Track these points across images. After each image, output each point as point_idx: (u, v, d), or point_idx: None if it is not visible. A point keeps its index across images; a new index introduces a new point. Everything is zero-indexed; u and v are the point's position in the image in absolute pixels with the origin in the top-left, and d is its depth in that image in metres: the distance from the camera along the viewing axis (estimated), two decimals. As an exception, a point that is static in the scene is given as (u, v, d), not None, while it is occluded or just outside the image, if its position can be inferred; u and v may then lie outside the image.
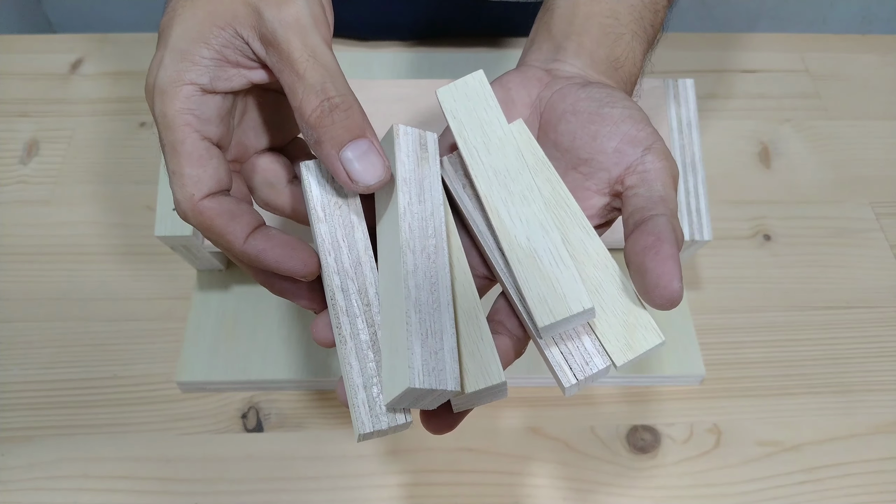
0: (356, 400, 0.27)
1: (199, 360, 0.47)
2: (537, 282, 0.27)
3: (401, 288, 0.27)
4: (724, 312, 0.52)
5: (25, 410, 0.46)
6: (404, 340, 0.25)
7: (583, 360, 0.27)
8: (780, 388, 0.49)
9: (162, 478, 0.44)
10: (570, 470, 0.45)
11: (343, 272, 0.28)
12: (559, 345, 0.28)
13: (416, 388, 0.24)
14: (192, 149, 0.27)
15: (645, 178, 0.28)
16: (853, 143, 0.62)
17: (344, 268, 0.29)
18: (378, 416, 0.26)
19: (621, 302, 0.27)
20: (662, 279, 0.25)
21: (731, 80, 0.65)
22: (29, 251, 0.53)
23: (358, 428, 0.26)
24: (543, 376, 0.47)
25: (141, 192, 0.56)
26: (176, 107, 0.27)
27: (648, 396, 0.48)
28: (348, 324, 0.28)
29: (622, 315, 0.27)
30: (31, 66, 0.63)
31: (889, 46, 0.69)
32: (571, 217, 0.29)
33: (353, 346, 0.28)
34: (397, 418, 0.26)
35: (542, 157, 0.30)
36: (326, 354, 0.47)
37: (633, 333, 0.27)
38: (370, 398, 0.27)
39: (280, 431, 0.46)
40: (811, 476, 0.45)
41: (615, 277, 0.28)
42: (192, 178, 0.27)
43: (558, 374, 0.27)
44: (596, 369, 0.27)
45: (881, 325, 0.52)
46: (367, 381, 0.27)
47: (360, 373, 0.27)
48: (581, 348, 0.27)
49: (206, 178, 0.27)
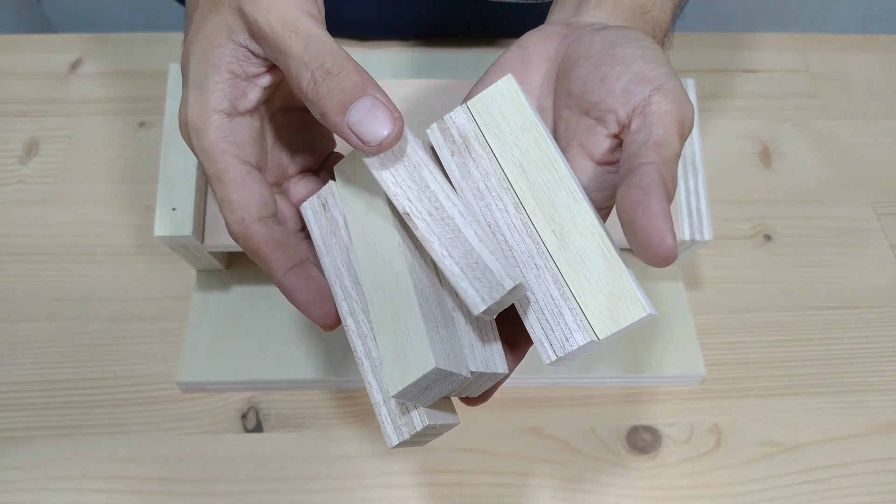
0: (380, 416, 0.27)
1: (199, 360, 0.47)
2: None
3: (401, 283, 0.27)
4: (724, 312, 0.52)
5: (25, 410, 0.46)
6: (419, 327, 0.26)
7: (563, 337, 0.26)
8: (780, 388, 0.49)
9: (162, 478, 0.44)
10: (570, 470, 0.45)
11: (349, 297, 0.29)
12: (539, 319, 0.27)
13: (440, 368, 0.25)
14: (236, 175, 0.28)
15: (646, 122, 0.26)
16: (853, 143, 0.62)
17: (348, 293, 0.29)
18: (400, 428, 0.27)
19: (605, 273, 0.26)
20: (654, 238, 0.23)
21: (731, 80, 0.65)
22: (29, 251, 0.53)
23: (387, 441, 0.27)
24: (543, 376, 0.47)
25: (141, 192, 0.56)
26: (210, 138, 0.28)
27: (648, 396, 0.48)
28: (361, 345, 0.28)
29: (606, 286, 0.26)
30: (31, 65, 0.63)
31: (889, 46, 0.69)
32: (558, 181, 0.28)
33: (368, 365, 0.28)
34: (415, 424, 0.27)
35: (529, 114, 0.29)
36: (326, 354, 0.47)
37: (617, 306, 0.26)
38: (391, 411, 0.27)
39: (280, 431, 0.46)
40: (811, 476, 0.45)
41: (601, 246, 0.26)
42: (241, 202, 0.28)
43: (539, 350, 0.27)
44: (576, 346, 0.26)
45: (881, 325, 0.52)
46: (386, 396, 0.28)
47: (378, 390, 0.28)
48: (562, 323, 0.26)
49: (252, 201, 0.28)
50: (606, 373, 0.48)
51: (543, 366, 0.47)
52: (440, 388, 0.26)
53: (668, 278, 0.51)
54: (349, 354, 0.47)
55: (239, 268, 0.51)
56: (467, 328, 0.28)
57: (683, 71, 0.65)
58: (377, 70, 0.62)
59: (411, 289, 0.27)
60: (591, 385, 0.48)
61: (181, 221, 0.43)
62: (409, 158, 0.28)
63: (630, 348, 0.48)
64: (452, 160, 0.30)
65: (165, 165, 0.44)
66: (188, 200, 0.43)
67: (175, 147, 0.45)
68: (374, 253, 0.29)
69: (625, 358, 0.48)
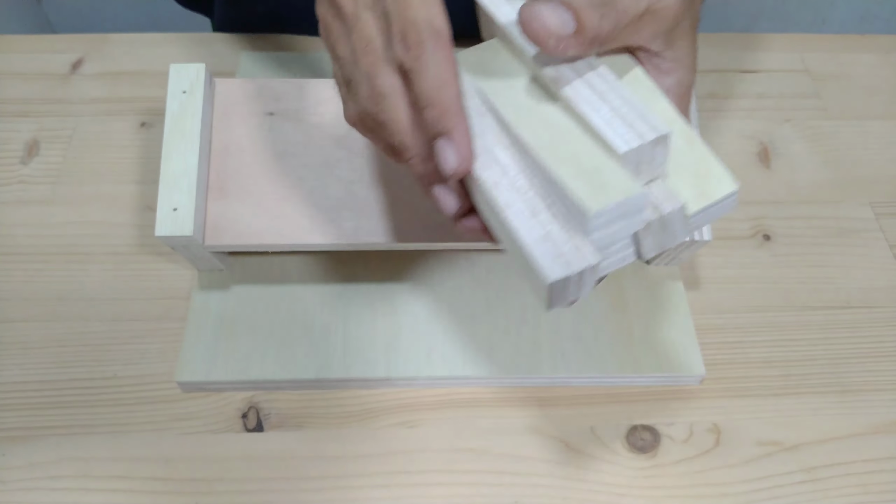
0: (538, 250, 0.28)
1: (199, 360, 0.47)
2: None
3: (572, 130, 0.29)
4: (724, 312, 0.52)
5: (25, 410, 0.46)
6: (608, 163, 0.27)
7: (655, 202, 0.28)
8: (780, 388, 0.49)
9: (162, 478, 0.44)
10: (569, 470, 0.45)
11: (499, 142, 0.31)
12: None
13: (643, 195, 0.26)
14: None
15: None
16: (853, 143, 0.62)
17: (498, 136, 0.31)
18: (568, 262, 0.27)
19: (692, 154, 0.28)
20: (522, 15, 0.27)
21: (731, 80, 0.66)
22: (29, 251, 0.53)
23: (545, 277, 0.27)
24: (543, 376, 0.47)
25: (141, 192, 0.56)
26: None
27: (648, 396, 0.48)
28: (508, 184, 0.29)
29: (692, 166, 0.28)
30: (31, 66, 0.63)
31: (889, 46, 0.69)
32: (635, 79, 0.30)
33: (521, 202, 0.29)
34: (587, 258, 0.27)
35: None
36: (326, 354, 0.47)
37: (705, 182, 0.28)
38: (556, 241, 0.28)
39: (280, 431, 0.46)
40: (811, 476, 0.45)
41: (682, 131, 0.28)
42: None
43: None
44: (669, 209, 0.27)
45: (881, 325, 0.52)
46: (552, 225, 0.28)
47: (535, 214, 0.28)
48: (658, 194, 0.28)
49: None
50: (606, 372, 0.48)
51: (543, 365, 0.47)
52: (623, 227, 0.27)
53: (668, 278, 0.51)
54: (349, 354, 0.47)
55: (239, 268, 0.51)
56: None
57: (683, 71, 0.65)
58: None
59: (582, 133, 0.28)
60: (590, 384, 0.48)
61: (182, 221, 0.43)
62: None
63: (630, 348, 0.48)
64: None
65: (166, 165, 0.44)
66: (189, 200, 0.43)
67: (176, 147, 0.45)
68: (526, 112, 0.30)
69: (624, 357, 0.48)
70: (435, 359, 0.48)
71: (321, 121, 0.48)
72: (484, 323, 0.49)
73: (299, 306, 0.49)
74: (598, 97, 0.29)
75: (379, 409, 0.47)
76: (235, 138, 0.47)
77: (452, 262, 0.51)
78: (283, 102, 0.48)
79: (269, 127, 0.47)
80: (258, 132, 0.47)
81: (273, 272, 0.51)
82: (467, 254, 0.52)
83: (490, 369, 0.47)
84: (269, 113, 0.48)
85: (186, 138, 0.45)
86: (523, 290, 0.50)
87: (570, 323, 0.49)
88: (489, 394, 0.48)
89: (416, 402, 0.47)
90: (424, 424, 0.47)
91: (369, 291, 0.50)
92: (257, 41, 0.66)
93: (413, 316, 0.49)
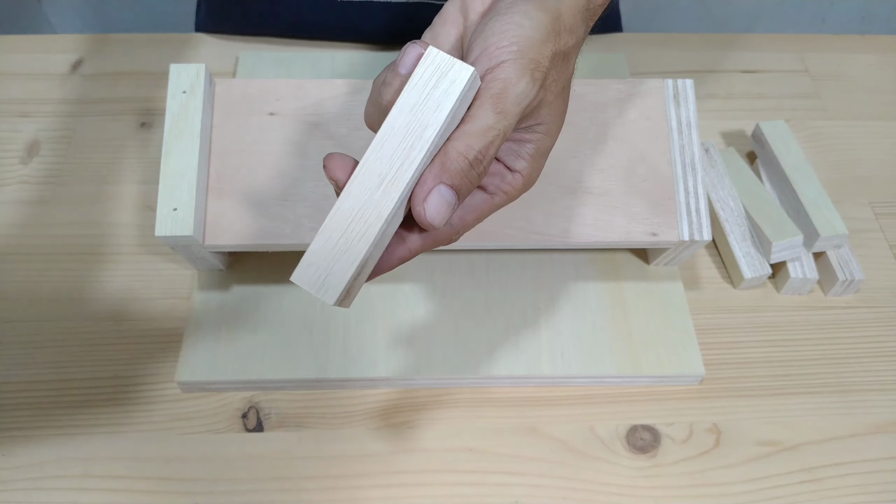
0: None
1: (199, 360, 0.47)
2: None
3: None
4: (724, 312, 0.52)
5: (25, 410, 0.46)
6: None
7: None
8: (780, 388, 0.49)
9: (162, 478, 0.44)
10: (569, 470, 0.45)
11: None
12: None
13: None
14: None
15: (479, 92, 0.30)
16: (853, 143, 0.62)
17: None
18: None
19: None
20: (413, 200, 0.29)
21: (730, 80, 0.66)
22: (29, 251, 0.53)
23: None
24: (543, 376, 0.47)
25: (141, 192, 0.56)
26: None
27: (648, 396, 0.48)
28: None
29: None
30: (31, 66, 0.63)
31: (889, 46, 0.69)
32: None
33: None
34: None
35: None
36: (326, 354, 0.47)
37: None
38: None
39: (280, 431, 0.46)
40: (811, 476, 0.45)
41: None
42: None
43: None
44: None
45: (881, 325, 0.52)
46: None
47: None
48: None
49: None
50: (606, 372, 0.48)
51: (543, 365, 0.47)
52: None
53: (667, 278, 0.51)
54: (349, 354, 0.47)
55: (239, 268, 0.51)
56: None
57: (683, 71, 0.65)
58: (375, 69, 0.62)
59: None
60: (590, 384, 0.48)
61: (182, 221, 0.43)
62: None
63: (630, 348, 0.48)
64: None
65: (166, 165, 0.44)
66: (189, 200, 0.43)
67: (176, 147, 0.45)
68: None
69: (624, 357, 0.48)
70: (435, 359, 0.48)
71: (321, 121, 0.48)
72: (484, 323, 0.49)
73: (299, 306, 0.49)
74: None
75: (379, 408, 0.47)
76: (235, 138, 0.47)
77: (452, 262, 0.51)
78: (283, 102, 0.48)
79: (269, 127, 0.47)
80: (258, 132, 0.47)
81: (273, 272, 0.51)
82: (467, 254, 0.52)
83: (490, 369, 0.47)
84: (269, 113, 0.48)
85: (186, 138, 0.45)
86: (523, 290, 0.50)
87: (570, 323, 0.49)
88: (489, 394, 0.48)
89: (416, 402, 0.48)
90: (424, 424, 0.47)
91: (370, 291, 0.50)
92: (257, 41, 0.66)
93: (413, 316, 0.49)
